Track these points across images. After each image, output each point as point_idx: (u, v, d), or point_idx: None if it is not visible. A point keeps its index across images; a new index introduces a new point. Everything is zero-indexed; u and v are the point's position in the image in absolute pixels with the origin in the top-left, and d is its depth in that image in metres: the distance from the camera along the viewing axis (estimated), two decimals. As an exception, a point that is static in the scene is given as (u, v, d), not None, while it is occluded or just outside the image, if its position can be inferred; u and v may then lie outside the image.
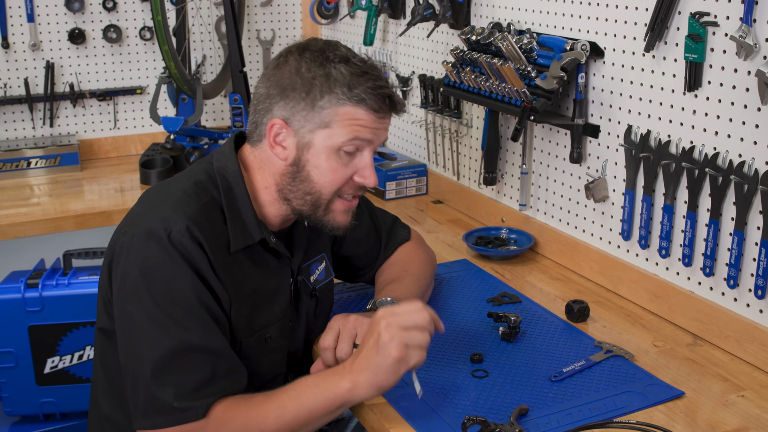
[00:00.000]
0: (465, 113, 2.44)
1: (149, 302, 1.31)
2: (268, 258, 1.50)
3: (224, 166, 1.48)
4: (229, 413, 1.31)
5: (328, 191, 1.45)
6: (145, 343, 1.31)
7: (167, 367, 1.29)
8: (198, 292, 1.34)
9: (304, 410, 1.32)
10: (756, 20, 1.47)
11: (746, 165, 1.52)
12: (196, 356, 1.31)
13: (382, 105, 1.42)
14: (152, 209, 1.40)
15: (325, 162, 1.42)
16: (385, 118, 1.44)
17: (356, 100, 1.39)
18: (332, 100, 1.39)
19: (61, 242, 2.60)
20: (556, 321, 1.73)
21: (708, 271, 1.64)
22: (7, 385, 2.13)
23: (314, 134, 1.42)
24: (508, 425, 1.30)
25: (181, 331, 1.31)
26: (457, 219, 2.44)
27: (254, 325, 1.46)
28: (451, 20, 2.36)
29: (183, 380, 1.29)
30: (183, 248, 1.33)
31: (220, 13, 3.25)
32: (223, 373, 1.32)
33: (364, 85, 1.40)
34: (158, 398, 1.28)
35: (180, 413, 1.28)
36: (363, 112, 1.40)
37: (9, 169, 2.89)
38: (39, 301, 2.06)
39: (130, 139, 3.23)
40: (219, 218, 1.43)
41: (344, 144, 1.41)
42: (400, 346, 1.31)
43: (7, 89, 3.00)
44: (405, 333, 1.32)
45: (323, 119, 1.41)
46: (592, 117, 1.93)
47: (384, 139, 1.49)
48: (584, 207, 2.00)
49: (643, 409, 1.40)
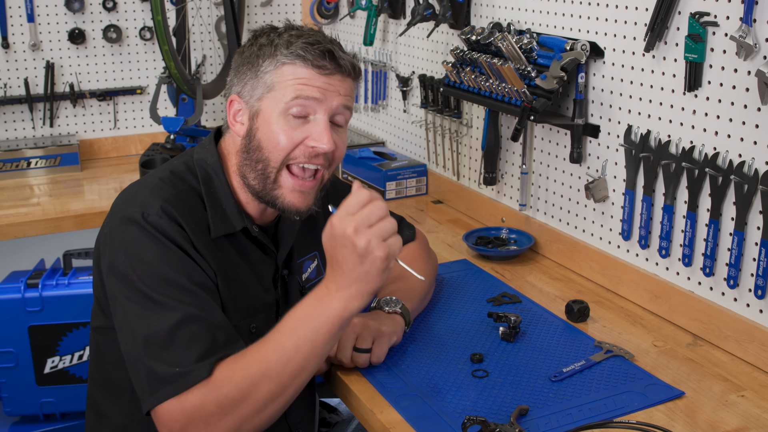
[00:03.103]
0: (465, 113, 2.44)
1: (140, 284, 1.31)
2: (252, 249, 1.50)
3: (203, 157, 1.49)
4: (228, 370, 1.26)
5: (275, 157, 1.42)
6: (141, 324, 1.29)
7: (166, 343, 1.27)
8: (185, 266, 1.34)
9: (305, 342, 1.26)
10: (756, 20, 1.47)
11: (746, 165, 1.52)
12: (194, 327, 1.28)
13: (323, 60, 1.40)
14: (129, 197, 1.42)
15: (273, 126, 1.42)
16: (330, 76, 1.42)
17: (293, 56, 1.40)
18: (273, 62, 1.42)
19: (61, 242, 2.59)
20: (556, 321, 1.73)
21: (708, 271, 1.64)
22: (7, 385, 2.13)
23: (262, 101, 1.43)
24: (508, 425, 1.30)
25: (175, 306, 1.29)
26: (457, 219, 2.44)
27: (240, 312, 1.45)
28: (451, 20, 2.36)
29: (183, 353, 1.26)
30: (162, 228, 1.34)
31: (220, 13, 3.25)
32: (222, 343, 1.30)
33: (301, 41, 1.40)
34: (159, 371, 1.26)
35: (183, 378, 1.24)
36: (303, 69, 1.40)
37: (9, 169, 2.89)
38: (39, 301, 2.07)
39: (130, 139, 3.23)
40: (197, 205, 1.43)
41: (289, 104, 1.40)
42: (380, 245, 1.24)
43: (7, 89, 3.00)
44: (375, 228, 1.25)
45: (267, 83, 1.42)
46: (592, 117, 1.93)
47: (339, 104, 1.43)
48: (584, 207, 2.00)
49: (643, 409, 1.40)
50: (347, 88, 1.45)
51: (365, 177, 2.71)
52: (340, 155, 1.49)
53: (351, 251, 1.24)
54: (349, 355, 1.47)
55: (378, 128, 3.02)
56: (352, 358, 1.48)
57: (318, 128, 1.42)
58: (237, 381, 1.24)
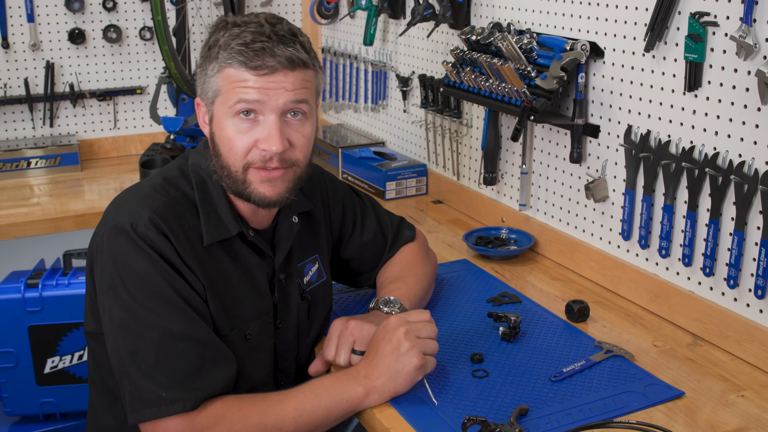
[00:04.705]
0: (465, 113, 2.44)
1: (127, 296, 1.31)
2: (248, 254, 1.48)
3: (198, 162, 1.48)
4: (239, 412, 1.29)
5: (233, 161, 1.39)
6: (127, 337, 1.30)
7: (151, 360, 1.28)
8: (172, 281, 1.33)
9: (322, 411, 1.33)
10: (756, 20, 1.47)
11: (746, 165, 1.52)
12: (180, 345, 1.30)
13: (257, 60, 1.33)
14: (120, 205, 1.41)
15: (225, 131, 1.39)
16: (271, 75, 1.34)
17: (230, 59, 1.35)
18: (215, 66, 1.37)
19: (61, 242, 2.59)
20: (556, 321, 1.73)
21: (708, 271, 1.64)
22: (7, 385, 2.12)
23: (214, 105, 1.40)
24: (508, 425, 1.30)
25: (161, 321, 1.30)
26: (457, 219, 2.44)
27: (233, 321, 1.44)
28: (451, 20, 2.36)
29: (169, 371, 1.28)
30: (150, 240, 1.33)
31: (220, 13, 3.25)
32: (211, 361, 1.31)
33: (236, 42, 1.34)
34: (144, 390, 1.27)
35: (166, 404, 1.26)
36: (241, 72, 1.34)
37: (9, 169, 2.89)
38: (39, 301, 2.06)
39: (130, 139, 3.23)
40: (189, 213, 1.42)
41: (233, 108, 1.36)
42: (420, 354, 1.37)
43: (7, 89, 3.00)
44: (422, 341, 1.39)
45: (214, 88, 1.39)
46: (592, 117, 1.93)
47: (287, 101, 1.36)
48: (584, 207, 2.00)
49: (643, 409, 1.40)
50: (296, 81, 1.36)
51: (365, 177, 2.71)
52: (303, 152, 1.42)
53: (393, 348, 1.37)
54: (347, 359, 1.47)
55: (378, 128, 3.02)
56: (350, 360, 1.48)
57: (266, 130, 1.36)
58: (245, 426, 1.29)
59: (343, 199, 1.74)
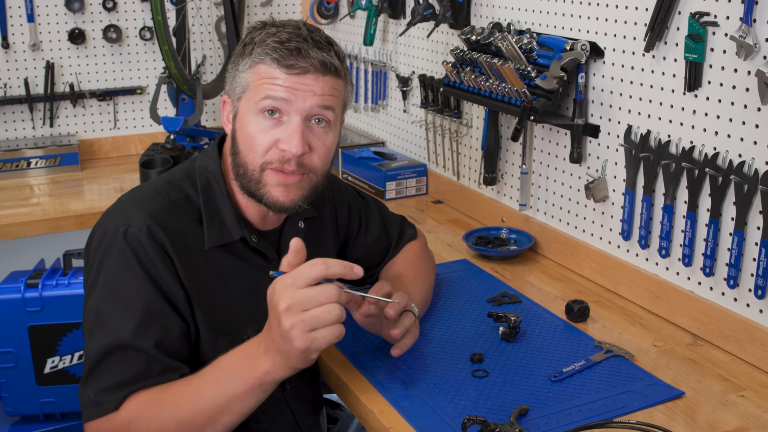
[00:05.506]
0: (465, 113, 2.44)
1: (98, 298, 1.31)
2: (251, 257, 1.47)
3: (205, 164, 1.47)
4: (142, 405, 1.25)
5: (251, 159, 1.38)
6: (90, 338, 1.30)
7: (98, 363, 1.27)
8: (143, 290, 1.31)
9: (221, 397, 1.22)
10: (756, 20, 1.47)
11: (746, 165, 1.52)
12: (129, 353, 1.27)
13: (291, 59, 1.34)
14: (120, 206, 1.40)
15: (247, 127, 1.38)
16: (302, 75, 1.35)
17: (263, 56, 1.36)
18: (248, 62, 1.38)
19: (61, 242, 2.59)
20: (556, 321, 1.73)
21: (708, 271, 1.64)
22: (7, 385, 2.12)
23: (240, 101, 1.41)
24: (508, 425, 1.30)
25: (116, 328, 1.28)
26: (457, 219, 2.44)
27: (229, 325, 1.42)
28: (451, 20, 2.36)
29: (108, 376, 1.26)
30: (137, 245, 1.32)
31: (220, 13, 3.25)
32: (156, 373, 1.28)
33: (272, 39, 1.36)
34: (85, 392, 1.27)
35: (95, 406, 1.25)
36: (273, 69, 1.35)
37: (9, 169, 2.89)
38: (39, 301, 2.06)
39: (130, 139, 3.23)
40: (190, 216, 1.40)
41: (260, 104, 1.36)
42: (303, 335, 1.17)
43: (7, 89, 3.00)
44: (308, 315, 1.17)
45: (243, 84, 1.39)
46: (592, 117, 1.93)
47: (314, 105, 1.36)
48: (584, 207, 2.00)
49: (643, 409, 1.40)
50: (326, 87, 1.36)
51: (365, 177, 2.71)
52: (321, 160, 1.41)
53: (276, 325, 1.19)
54: None
55: (378, 128, 3.02)
56: None
57: (288, 130, 1.36)
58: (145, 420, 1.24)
59: (349, 202, 1.75)
